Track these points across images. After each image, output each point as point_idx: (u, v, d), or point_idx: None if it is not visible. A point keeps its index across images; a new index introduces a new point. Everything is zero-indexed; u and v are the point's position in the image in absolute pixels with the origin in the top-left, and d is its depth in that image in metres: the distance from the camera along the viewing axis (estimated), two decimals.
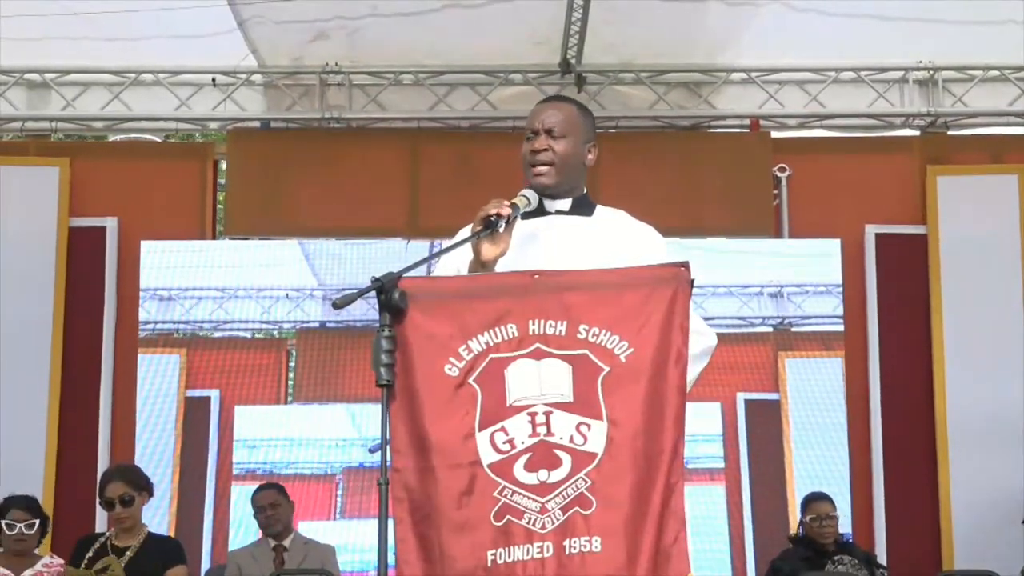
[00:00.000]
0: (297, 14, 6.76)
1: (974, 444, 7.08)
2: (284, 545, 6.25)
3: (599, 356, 2.91)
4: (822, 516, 6.30)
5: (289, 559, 6.19)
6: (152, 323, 7.38)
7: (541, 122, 3.22)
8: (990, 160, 7.62)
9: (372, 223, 7.65)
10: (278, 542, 6.26)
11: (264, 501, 6.30)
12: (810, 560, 6.23)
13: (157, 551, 5.51)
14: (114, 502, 5.49)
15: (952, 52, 7.33)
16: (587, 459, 2.86)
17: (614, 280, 2.99)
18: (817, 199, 7.55)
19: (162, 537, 5.86)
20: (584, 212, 3.26)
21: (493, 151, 7.01)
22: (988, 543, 6.79)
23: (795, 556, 6.32)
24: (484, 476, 2.84)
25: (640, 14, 6.79)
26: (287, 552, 6.23)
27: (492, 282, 3.01)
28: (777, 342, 7.42)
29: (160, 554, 5.51)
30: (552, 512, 2.83)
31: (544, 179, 3.21)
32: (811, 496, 6.47)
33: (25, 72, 7.46)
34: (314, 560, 6.19)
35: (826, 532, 6.28)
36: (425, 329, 2.91)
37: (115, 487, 5.52)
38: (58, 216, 7.35)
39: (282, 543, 6.26)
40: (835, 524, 6.34)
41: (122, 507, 5.48)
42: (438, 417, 2.88)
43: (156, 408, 7.27)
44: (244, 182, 7.61)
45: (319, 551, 6.31)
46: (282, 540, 6.27)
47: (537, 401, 2.89)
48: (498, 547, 2.81)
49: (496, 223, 3.05)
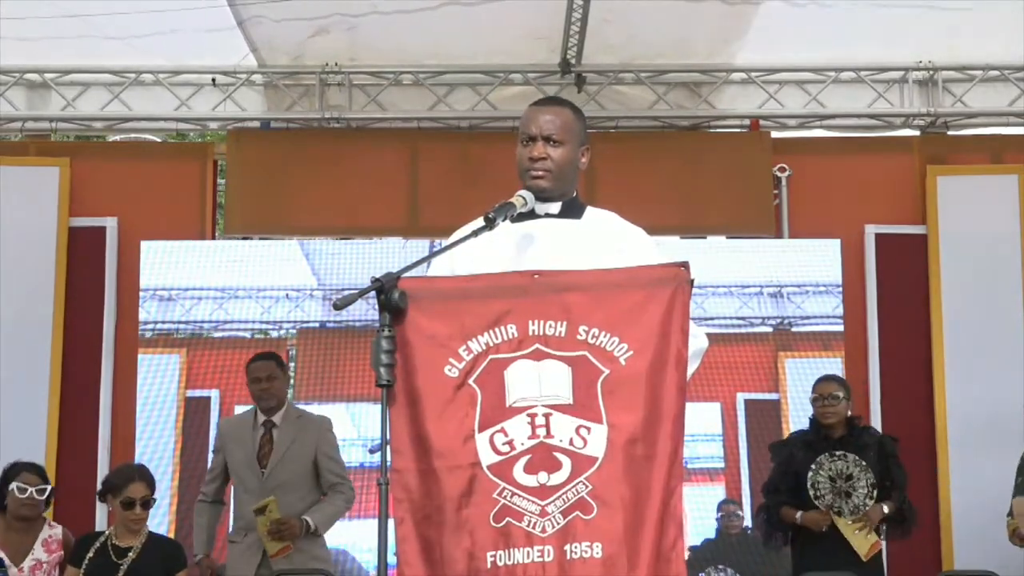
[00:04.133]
0: (297, 13, 6.76)
1: (974, 444, 7.08)
2: (274, 421, 5.84)
3: (599, 358, 2.91)
4: (824, 396, 5.96)
5: (278, 438, 5.79)
6: (152, 323, 7.38)
7: (539, 128, 3.20)
8: (990, 160, 7.63)
9: (372, 223, 7.65)
10: (268, 417, 5.86)
11: (260, 372, 5.85)
12: (810, 445, 5.94)
13: (159, 553, 5.46)
14: (135, 503, 5.38)
15: (952, 52, 7.33)
16: (587, 463, 2.86)
17: (614, 280, 2.99)
18: (817, 199, 7.55)
19: (163, 538, 5.79)
20: (574, 215, 3.26)
21: (493, 151, 7.00)
22: (988, 543, 6.77)
23: (797, 439, 6.07)
24: (484, 477, 2.85)
25: (640, 14, 6.78)
26: (276, 429, 5.82)
27: (492, 282, 3.01)
28: (777, 342, 7.42)
29: (162, 557, 5.45)
30: (552, 516, 2.83)
31: (542, 183, 3.20)
32: (819, 377, 6.16)
33: (25, 72, 7.46)
34: (304, 442, 5.79)
35: (827, 413, 5.92)
36: (425, 329, 2.92)
37: (138, 488, 5.42)
38: (58, 216, 7.35)
39: (272, 419, 5.85)
40: (839, 406, 5.93)
41: (143, 509, 5.40)
42: (438, 418, 2.88)
43: (156, 408, 7.27)
44: (244, 182, 7.61)
45: (311, 426, 5.89)
46: (272, 415, 5.85)
47: (537, 402, 2.89)
48: (498, 549, 2.81)
49: (494, 220, 3.06)
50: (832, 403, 5.94)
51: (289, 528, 5.59)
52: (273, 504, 5.58)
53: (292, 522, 5.60)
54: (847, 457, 5.90)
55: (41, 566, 5.59)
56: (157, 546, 5.49)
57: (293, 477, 5.75)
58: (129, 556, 5.35)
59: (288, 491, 5.71)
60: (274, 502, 5.59)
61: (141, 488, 5.42)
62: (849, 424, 6.02)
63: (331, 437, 5.92)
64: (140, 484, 5.44)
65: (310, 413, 6.09)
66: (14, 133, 7.77)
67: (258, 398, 5.88)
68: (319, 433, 5.87)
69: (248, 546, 5.74)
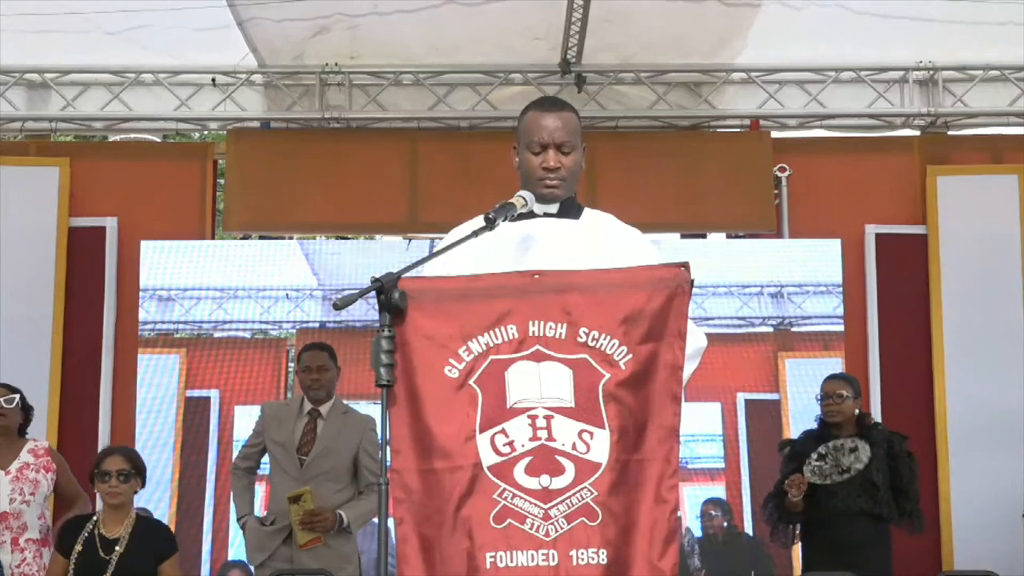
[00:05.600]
0: (297, 13, 6.76)
1: (974, 444, 7.08)
2: (320, 412, 5.79)
3: (599, 362, 2.91)
4: (830, 395, 5.89)
5: (323, 429, 5.74)
6: (152, 323, 7.39)
7: (551, 136, 3.20)
8: (990, 160, 7.63)
9: (372, 223, 7.65)
10: (315, 406, 5.81)
11: (312, 362, 5.80)
12: (820, 439, 5.88)
13: (148, 540, 5.30)
14: (111, 475, 5.25)
15: (952, 52, 7.33)
16: (591, 468, 2.85)
17: (614, 281, 2.98)
18: (817, 199, 7.55)
19: (151, 522, 5.60)
20: (572, 215, 3.27)
21: (493, 151, 6.96)
22: (988, 543, 6.78)
23: (808, 436, 5.99)
24: (484, 478, 2.84)
25: (640, 14, 6.78)
26: (322, 420, 5.77)
27: (492, 283, 3.00)
28: (777, 342, 7.42)
29: (152, 544, 5.30)
30: (556, 520, 2.83)
31: (558, 192, 3.22)
32: (827, 375, 6.10)
33: (25, 72, 7.47)
34: (348, 436, 5.75)
35: (833, 412, 5.85)
36: (425, 330, 2.91)
37: (114, 460, 5.30)
38: (58, 216, 7.35)
39: (319, 408, 5.80)
40: (845, 405, 5.85)
41: (118, 481, 5.25)
42: (439, 419, 2.88)
43: (156, 408, 7.27)
44: (244, 182, 7.61)
45: (356, 422, 5.83)
46: (320, 406, 5.81)
47: (537, 404, 2.89)
48: (499, 550, 2.81)
49: (494, 221, 3.06)
50: (837, 402, 5.86)
51: (322, 520, 5.54)
52: (308, 495, 5.53)
53: (326, 514, 5.55)
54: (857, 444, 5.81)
55: (29, 466, 5.60)
56: (146, 533, 5.32)
57: (332, 469, 5.69)
58: (116, 550, 5.21)
59: (326, 482, 5.65)
60: (309, 493, 5.54)
61: (117, 461, 5.30)
62: (858, 423, 5.91)
63: (374, 436, 5.81)
64: (117, 457, 5.32)
65: (356, 410, 6.02)
66: (14, 133, 7.77)
67: (308, 387, 5.82)
68: (363, 430, 5.82)
69: (273, 531, 5.68)
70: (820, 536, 5.83)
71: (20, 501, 5.56)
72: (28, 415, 5.79)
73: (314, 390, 5.80)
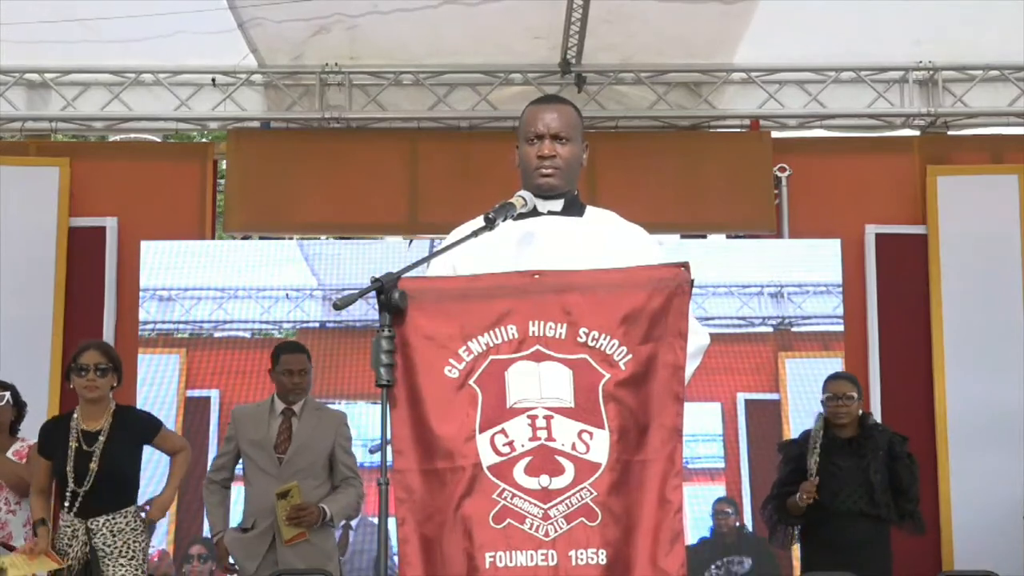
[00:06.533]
0: (297, 13, 6.76)
1: (974, 444, 7.08)
2: (294, 410, 5.79)
3: (599, 362, 2.90)
4: (838, 396, 5.79)
5: (298, 427, 5.74)
6: (152, 323, 7.39)
7: (546, 126, 3.20)
8: (990, 160, 7.63)
9: (372, 223, 7.65)
10: (287, 406, 5.81)
11: (294, 365, 5.82)
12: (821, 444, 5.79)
13: (129, 427, 5.28)
14: (88, 368, 5.21)
15: (952, 52, 7.34)
16: (591, 469, 2.85)
17: (614, 280, 2.98)
18: (817, 199, 7.55)
19: (130, 410, 5.56)
20: (575, 213, 3.26)
21: (493, 151, 6.99)
22: (988, 543, 6.78)
23: (808, 436, 5.89)
24: (484, 478, 2.84)
25: (640, 14, 6.78)
26: (296, 418, 5.77)
27: (492, 282, 3.00)
28: (777, 342, 7.42)
29: (133, 430, 5.30)
30: (555, 520, 2.82)
31: (552, 180, 3.20)
32: (831, 374, 6.03)
33: (25, 72, 7.47)
34: (323, 433, 5.76)
35: (840, 413, 5.77)
36: (425, 330, 2.91)
37: (91, 355, 5.26)
38: (58, 216, 7.35)
39: (292, 407, 5.80)
40: (853, 406, 5.78)
41: (96, 375, 5.20)
42: (439, 418, 2.88)
43: (156, 408, 7.21)
44: (244, 182, 7.61)
45: (330, 418, 5.87)
46: (293, 405, 5.81)
47: (537, 404, 2.89)
48: (498, 550, 2.80)
49: (494, 221, 3.06)
50: (846, 403, 5.80)
51: (308, 515, 5.58)
52: (296, 490, 5.56)
53: (312, 509, 5.58)
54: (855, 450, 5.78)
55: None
56: (125, 422, 5.29)
57: (309, 466, 5.72)
58: (100, 440, 5.16)
59: (304, 478, 5.67)
60: (297, 488, 5.56)
61: (94, 355, 5.26)
62: (861, 423, 5.87)
63: (347, 431, 5.90)
64: (94, 352, 5.28)
65: (327, 406, 6.08)
66: (14, 133, 7.77)
67: (289, 390, 5.83)
68: (337, 426, 5.85)
69: (256, 536, 5.71)
70: (820, 536, 5.82)
71: (6, 511, 5.52)
72: (21, 411, 5.74)
73: (295, 393, 5.83)
